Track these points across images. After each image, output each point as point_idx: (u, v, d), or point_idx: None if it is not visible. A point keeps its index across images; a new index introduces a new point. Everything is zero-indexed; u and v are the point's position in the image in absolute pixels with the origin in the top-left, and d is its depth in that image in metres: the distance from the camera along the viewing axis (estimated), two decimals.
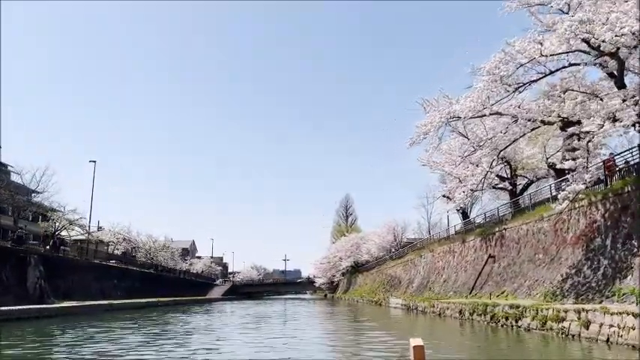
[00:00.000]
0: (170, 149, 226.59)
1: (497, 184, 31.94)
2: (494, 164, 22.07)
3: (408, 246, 61.43)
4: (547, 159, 27.36)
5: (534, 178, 32.58)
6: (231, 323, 25.62)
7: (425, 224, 66.45)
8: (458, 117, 20.07)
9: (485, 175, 22.29)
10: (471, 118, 19.98)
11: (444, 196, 39.34)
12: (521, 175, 32.32)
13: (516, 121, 18.80)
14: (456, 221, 53.58)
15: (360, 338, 16.77)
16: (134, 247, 70.24)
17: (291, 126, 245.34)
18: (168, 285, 72.39)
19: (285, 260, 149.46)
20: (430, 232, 58.90)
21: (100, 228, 67.55)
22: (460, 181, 31.75)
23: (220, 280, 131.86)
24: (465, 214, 40.96)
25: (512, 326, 16.90)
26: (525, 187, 32.35)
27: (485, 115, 19.73)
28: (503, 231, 27.11)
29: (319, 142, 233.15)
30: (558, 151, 27.19)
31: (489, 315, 18.76)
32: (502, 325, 17.56)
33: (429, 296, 35.08)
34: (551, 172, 30.65)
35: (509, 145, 21.93)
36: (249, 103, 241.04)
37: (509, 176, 31.37)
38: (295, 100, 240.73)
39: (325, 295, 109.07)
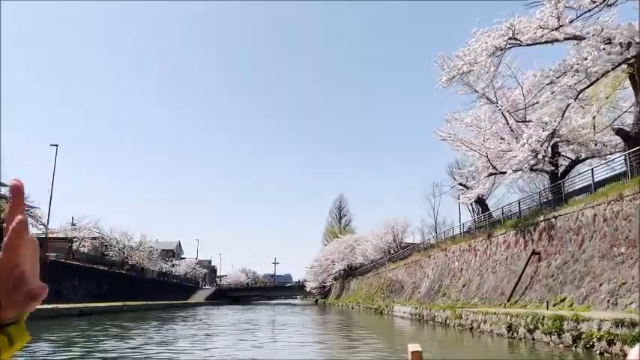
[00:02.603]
0: (161, 150, 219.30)
1: (534, 165, 25.54)
2: (555, 131, 15.54)
3: (409, 247, 55.01)
4: (609, 125, 20.79)
5: (579, 157, 26.09)
6: (192, 337, 19.02)
7: (430, 221, 60.00)
8: (518, 41, 13.62)
9: (544, 145, 15.83)
10: (536, 44, 13.56)
11: (460, 184, 33.03)
12: (563, 155, 25.93)
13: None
14: (467, 217, 47.42)
15: None
16: (105, 245, 63.17)
17: (283, 127, 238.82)
18: (144, 288, 65.50)
19: (274, 263, 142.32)
20: (437, 230, 52.47)
21: (74, 224, 60.67)
22: (489, 160, 25.56)
23: (207, 283, 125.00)
24: (484, 205, 34.57)
25: (618, 355, 10.48)
26: (568, 169, 25.92)
27: (555, 41, 13.36)
28: (553, 220, 20.70)
29: (317, 143, 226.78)
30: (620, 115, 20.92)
31: (569, 334, 12.28)
32: (600, 353, 11.10)
33: (444, 303, 28.61)
34: (604, 149, 24.38)
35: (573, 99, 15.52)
36: (238, 104, 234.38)
37: (550, 154, 25.04)
38: (286, 101, 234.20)
39: (316, 301, 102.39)
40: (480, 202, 34.34)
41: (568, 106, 13.33)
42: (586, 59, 11.98)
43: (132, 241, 68.60)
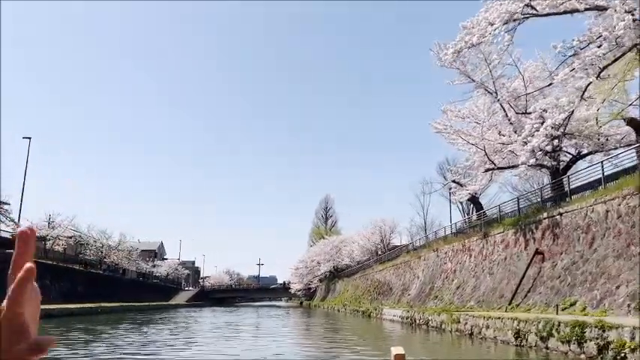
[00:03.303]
0: (148, 150, 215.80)
1: (535, 160, 24.02)
2: (572, 115, 13.84)
3: (397, 248, 53.46)
4: (618, 113, 19.27)
5: (580, 152, 24.62)
6: (163, 342, 17.10)
7: (419, 221, 58.51)
8: (534, 10, 11.99)
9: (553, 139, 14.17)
10: (553, 14, 11.94)
11: (454, 181, 31.49)
12: (563, 151, 24.44)
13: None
14: (458, 217, 45.99)
15: None
16: (82, 244, 60.63)
17: (271, 128, 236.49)
18: (122, 288, 63.09)
19: (259, 265, 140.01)
20: (426, 230, 50.98)
21: (50, 223, 58.03)
22: (486, 154, 24.02)
23: (190, 284, 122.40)
24: (477, 204, 33.07)
25: None
26: (569, 165, 24.42)
27: (575, 11, 11.76)
28: (558, 217, 19.18)
29: (301, 142, 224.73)
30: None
31: (594, 344, 10.67)
32: None
33: (436, 306, 27.02)
34: (607, 144, 22.95)
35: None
36: (225, 103, 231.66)
37: (551, 149, 23.57)
38: (274, 101, 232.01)
39: (301, 303, 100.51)
40: (474, 200, 32.85)
41: (589, 85, 11.77)
42: (615, 28, 10.41)
43: (110, 240, 66.17)
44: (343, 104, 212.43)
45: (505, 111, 23.62)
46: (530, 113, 22.76)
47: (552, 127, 15.19)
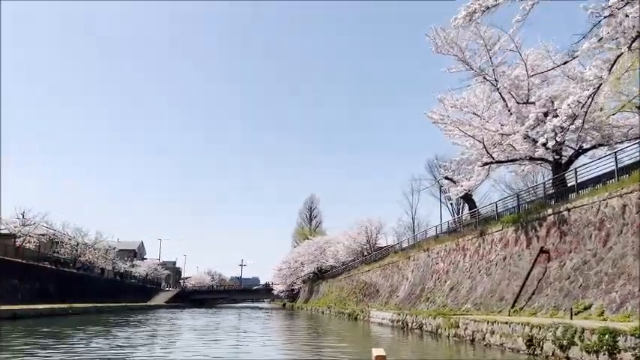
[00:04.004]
0: (135, 150, 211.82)
1: (533, 155, 22.57)
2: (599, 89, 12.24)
3: (384, 249, 51.91)
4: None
5: (582, 147, 23.19)
6: (128, 347, 15.16)
7: (408, 221, 56.98)
8: None
9: (586, 104, 12.56)
10: None
11: (446, 178, 29.98)
12: (565, 145, 22.98)
13: None
14: (448, 217, 44.54)
15: None
16: (55, 241, 57.94)
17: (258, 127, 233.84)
18: (98, 288, 60.66)
19: (241, 265, 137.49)
20: (415, 230, 49.47)
21: (24, 221, 55.17)
22: (485, 147, 22.50)
23: (171, 285, 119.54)
24: (471, 201, 31.63)
25: None
26: (572, 159, 22.96)
27: None
28: (565, 213, 17.68)
29: (291, 142, 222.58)
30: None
31: (630, 355, 9.08)
32: None
33: (428, 309, 25.45)
34: (613, 136, 21.57)
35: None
36: (214, 104, 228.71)
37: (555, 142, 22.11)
38: (260, 100, 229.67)
39: (284, 305, 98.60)
40: (467, 198, 31.41)
41: (619, 55, 10.24)
42: None
43: (86, 238, 63.51)
44: (329, 103, 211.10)
45: (505, 101, 22.13)
46: (532, 103, 21.33)
47: (568, 113, 13.56)
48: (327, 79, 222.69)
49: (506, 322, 13.74)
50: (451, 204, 46.33)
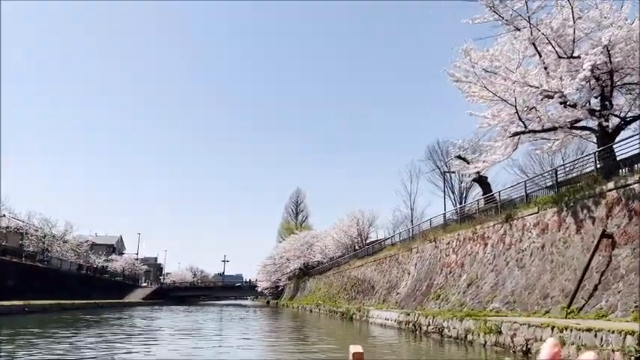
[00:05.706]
0: (119, 148, 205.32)
1: (575, 122, 18.65)
2: None
3: (378, 241, 47.96)
4: None
5: (626, 117, 19.23)
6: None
7: (405, 212, 52.91)
8: None
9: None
10: None
11: (459, 157, 25.99)
12: (612, 114, 19.03)
13: None
14: (450, 207, 40.62)
15: None
16: (19, 232, 52.91)
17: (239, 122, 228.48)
18: (67, 284, 55.69)
19: (224, 261, 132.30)
20: (413, 221, 45.51)
21: None
22: (517, 111, 18.54)
23: (151, 281, 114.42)
24: (485, 185, 27.70)
25: None
26: (619, 129, 18.98)
27: None
28: (636, 187, 13.76)
29: (272, 139, 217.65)
30: None
31: None
32: None
33: (439, 308, 21.51)
34: None
35: None
36: (196, 102, 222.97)
37: (599, 107, 18.26)
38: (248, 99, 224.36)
39: (268, 302, 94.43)
40: (481, 181, 27.53)
41: None
42: None
43: (55, 230, 58.60)
44: (318, 100, 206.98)
45: (542, 56, 18.19)
46: (577, 57, 17.44)
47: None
48: (327, 79, 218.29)
49: (589, 329, 9.74)
50: (453, 192, 42.47)
